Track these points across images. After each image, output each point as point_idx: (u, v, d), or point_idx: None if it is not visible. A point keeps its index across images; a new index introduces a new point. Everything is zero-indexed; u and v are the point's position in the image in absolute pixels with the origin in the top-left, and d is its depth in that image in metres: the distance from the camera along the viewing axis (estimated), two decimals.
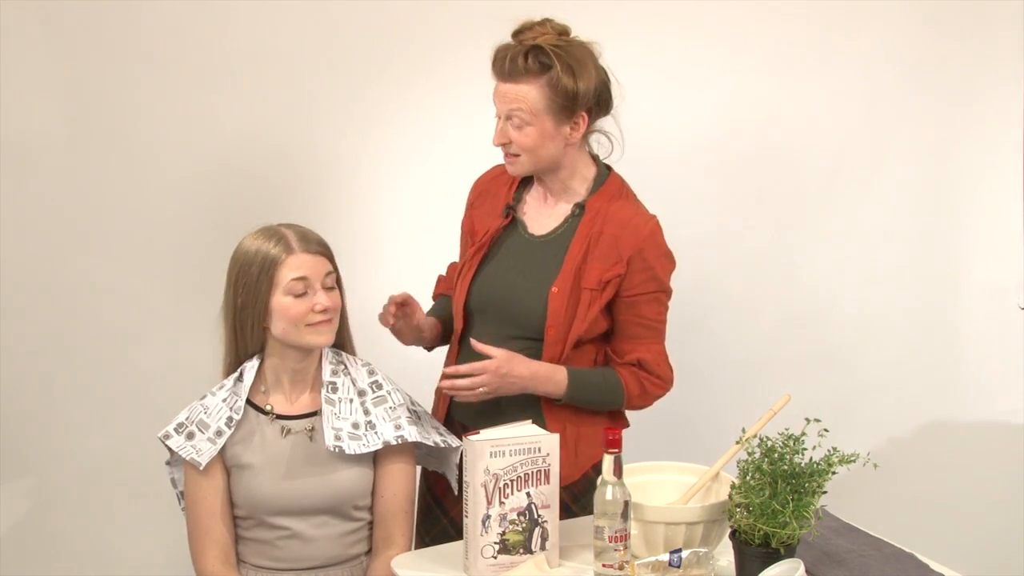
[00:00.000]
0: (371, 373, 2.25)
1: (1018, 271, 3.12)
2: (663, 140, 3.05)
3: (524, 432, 2.03)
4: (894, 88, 3.08)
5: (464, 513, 2.01)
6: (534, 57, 2.14)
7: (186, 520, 2.22)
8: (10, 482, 2.90)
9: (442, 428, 2.28)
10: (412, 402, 2.26)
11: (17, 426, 2.89)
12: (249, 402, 2.20)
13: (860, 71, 3.07)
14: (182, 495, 2.25)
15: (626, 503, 1.89)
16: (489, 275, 2.29)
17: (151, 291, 2.92)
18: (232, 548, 2.19)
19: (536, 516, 2.02)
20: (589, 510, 2.03)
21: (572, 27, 2.21)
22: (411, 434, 2.18)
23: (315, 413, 2.20)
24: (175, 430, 2.17)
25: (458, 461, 2.24)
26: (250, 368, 2.21)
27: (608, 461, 1.89)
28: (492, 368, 2.15)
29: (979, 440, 3.15)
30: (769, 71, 3.06)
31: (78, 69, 2.84)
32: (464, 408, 2.31)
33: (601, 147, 2.31)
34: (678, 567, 1.89)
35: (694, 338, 3.12)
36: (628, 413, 2.38)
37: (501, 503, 1.99)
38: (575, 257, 2.21)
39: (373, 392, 2.22)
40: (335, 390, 2.20)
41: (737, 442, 2.00)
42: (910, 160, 3.12)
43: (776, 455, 1.91)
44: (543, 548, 2.03)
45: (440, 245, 2.54)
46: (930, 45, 3.06)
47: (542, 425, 2.15)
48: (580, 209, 2.25)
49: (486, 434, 2.02)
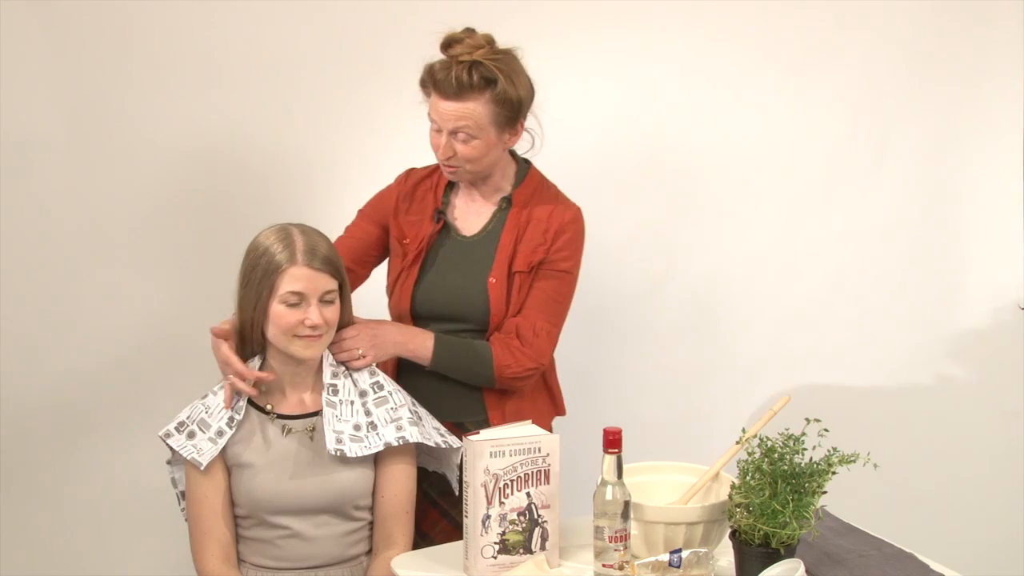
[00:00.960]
0: (372, 374, 2.25)
1: (1018, 271, 3.12)
2: (663, 141, 3.05)
3: (524, 432, 2.03)
4: (894, 87, 3.08)
5: (464, 513, 2.01)
6: (478, 74, 2.20)
7: (187, 519, 2.23)
8: (10, 482, 2.90)
9: (443, 429, 2.28)
10: (413, 402, 2.26)
11: (17, 426, 2.88)
12: (250, 402, 2.20)
13: (860, 70, 3.07)
14: (182, 495, 2.26)
15: (626, 503, 1.89)
16: (429, 281, 2.36)
17: (151, 290, 2.92)
18: (233, 547, 2.20)
19: (536, 516, 2.02)
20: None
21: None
22: (412, 435, 2.18)
23: (316, 413, 2.20)
24: (176, 429, 2.18)
25: (459, 461, 2.25)
26: (251, 367, 2.22)
27: (608, 461, 1.89)
28: (361, 328, 2.23)
29: (979, 440, 3.15)
30: (769, 71, 3.05)
31: (78, 69, 2.84)
32: (432, 398, 2.35)
33: (524, 142, 2.38)
34: (678, 567, 1.89)
35: (694, 338, 3.12)
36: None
37: (501, 503, 1.99)
38: (507, 247, 2.31)
39: (374, 393, 2.22)
40: (335, 392, 2.20)
41: (737, 442, 2.00)
42: (910, 160, 3.12)
43: (776, 455, 1.91)
44: (543, 548, 2.03)
45: None
46: (930, 44, 3.06)
47: (481, 408, 2.32)
48: (507, 203, 2.36)
49: (486, 434, 2.02)
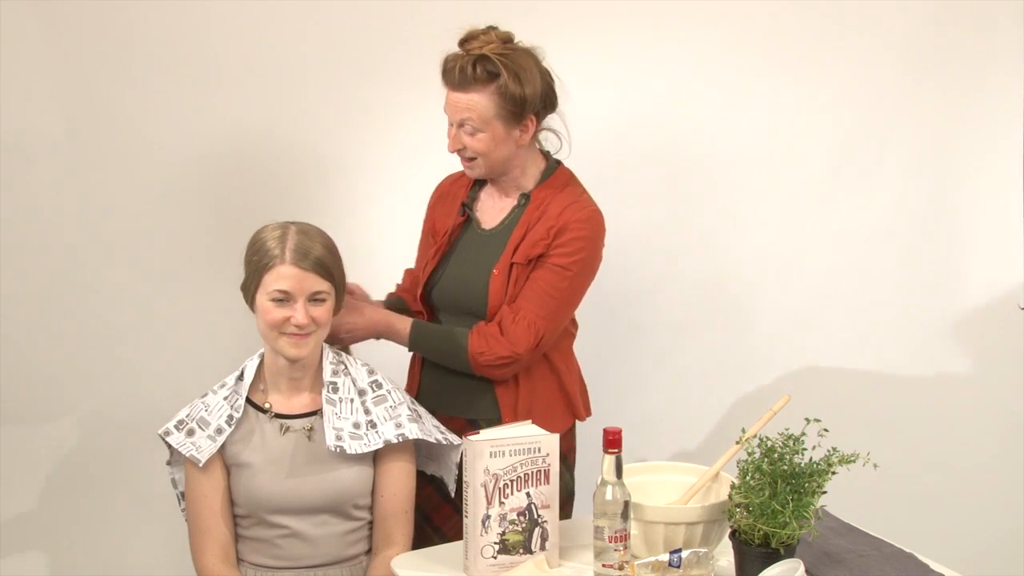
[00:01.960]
0: (371, 373, 2.25)
1: (1018, 271, 3.11)
2: (663, 140, 3.05)
3: (524, 432, 2.03)
4: (894, 87, 3.07)
5: (464, 513, 2.01)
6: (481, 67, 2.24)
7: (186, 519, 2.23)
8: (10, 481, 2.90)
9: (442, 427, 2.28)
10: (412, 401, 2.26)
11: (17, 425, 2.88)
12: (249, 400, 2.20)
13: (860, 70, 3.06)
14: (182, 496, 2.26)
15: (626, 503, 1.89)
16: (444, 271, 2.41)
17: (151, 290, 2.92)
18: (232, 546, 2.20)
19: (536, 516, 2.02)
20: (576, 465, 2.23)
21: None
22: (412, 432, 2.18)
23: (314, 413, 2.20)
24: (175, 427, 2.18)
25: (457, 460, 2.25)
26: (251, 366, 2.22)
27: (608, 461, 1.89)
28: (345, 311, 2.27)
29: (979, 440, 3.15)
30: (768, 70, 3.05)
31: (78, 69, 2.84)
32: (429, 393, 2.42)
33: (550, 144, 2.41)
34: (678, 567, 1.89)
35: (694, 338, 3.12)
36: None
37: (501, 503, 1.99)
38: (515, 241, 2.33)
39: (373, 391, 2.23)
40: (336, 390, 2.20)
41: (737, 442, 2.00)
42: (910, 160, 3.12)
43: (776, 455, 1.91)
44: (543, 548, 2.03)
45: None
46: (930, 44, 3.05)
47: (494, 407, 2.33)
48: (525, 199, 2.37)
49: (486, 434, 2.02)
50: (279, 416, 2.20)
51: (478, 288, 2.34)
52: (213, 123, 2.90)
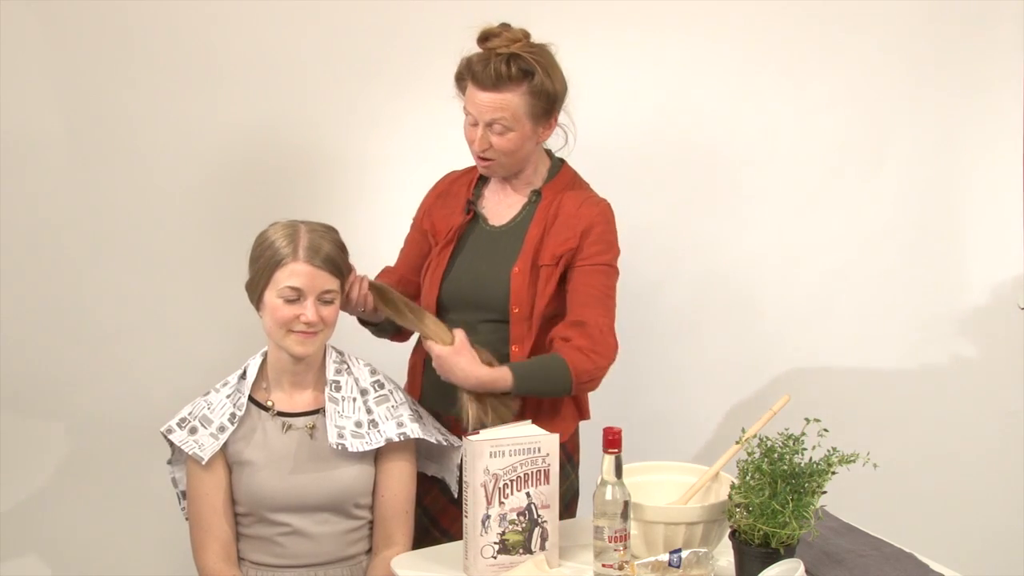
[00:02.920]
0: (373, 372, 2.26)
1: (1018, 271, 3.11)
2: (663, 140, 3.05)
3: (524, 432, 2.03)
4: (894, 87, 3.07)
5: (464, 513, 2.01)
6: (516, 65, 2.22)
7: (187, 517, 2.23)
8: (10, 481, 2.90)
9: (443, 428, 2.28)
10: (413, 401, 2.27)
11: (17, 425, 2.89)
12: (251, 399, 2.20)
13: (860, 70, 3.07)
14: (183, 495, 2.26)
15: (626, 503, 1.89)
16: (457, 268, 2.38)
17: (151, 290, 2.92)
18: (233, 545, 2.20)
19: (536, 516, 2.02)
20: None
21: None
22: (414, 431, 2.18)
23: (316, 411, 2.20)
24: (178, 424, 2.19)
25: (459, 461, 2.25)
26: (253, 364, 2.23)
27: (608, 461, 1.89)
28: (438, 354, 2.22)
29: (979, 440, 3.15)
30: (768, 70, 3.05)
31: (78, 69, 2.84)
32: (434, 394, 2.37)
33: (557, 139, 2.40)
34: (678, 567, 1.89)
35: (694, 338, 3.12)
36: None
37: (501, 503, 1.99)
38: (533, 239, 2.31)
39: (375, 391, 2.23)
40: (338, 389, 2.21)
41: (737, 442, 2.00)
42: (910, 159, 3.12)
43: (776, 455, 1.91)
44: (543, 548, 2.03)
45: None
46: (930, 44, 3.05)
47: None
48: (536, 196, 2.36)
49: (486, 434, 2.02)
50: (281, 414, 2.20)
51: (498, 286, 2.31)
52: (213, 123, 2.90)
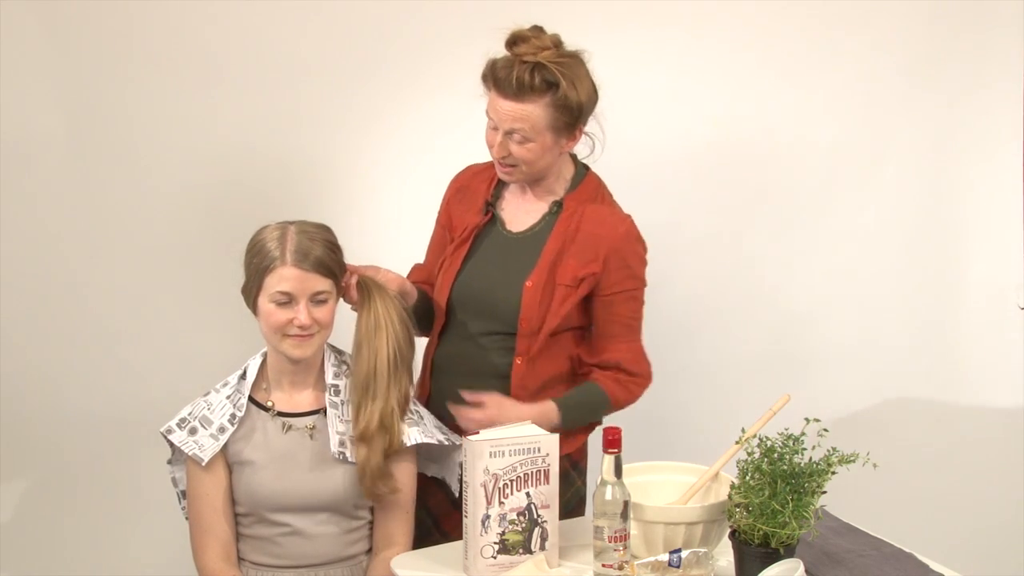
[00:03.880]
0: None
1: (1018, 271, 3.11)
2: (663, 140, 3.05)
3: (524, 432, 2.03)
4: (893, 87, 3.07)
5: (464, 513, 2.01)
6: (540, 76, 2.14)
7: (187, 517, 2.23)
8: (10, 481, 2.90)
9: (444, 428, 2.28)
10: (413, 402, 2.26)
11: (17, 425, 2.88)
12: (251, 399, 2.20)
13: (859, 70, 3.06)
14: (183, 495, 2.26)
15: (626, 503, 1.89)
16: (469, 271, 2.33)
17: (150, 290, 2.92)
18: (233, 545, 2.20)
19: (536, 516, 2.02)
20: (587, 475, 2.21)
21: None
22: (412, 437, 2.18)
23: (317, 411, 2.20)
24: (177, 425, 2.18)
25: (460, 460, 2.25)
26: (253, 365, 2.23)
27: (608, 461, 1.89)
28: (483, 418, 2.18)
29: (979, 440, 3.15)
30: (768, 70, 3.05)
31: (78, 69, 2.84)
32: (441, 400, 2.32)
33: (584, 146, 2.33)
34: (678, 567, 1.89)
35: (694, 338, 3.12)
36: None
37: (501, 503, 1.99)
38: (551, 253, 2.25)
39: None
40: (338, 392, 2.20)
41: (737, 442, 2.00)
42: (910, 160, 3.12)
43: (776, 455, 1.91)
44: (543, 548, 2.03)
45: None
46: (929, 44, 3.05)
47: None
48: (557, 207, 2.29)
49: (486, 434, 2.02)
50: (281, 414, 2.20)
51: (509, 298, 2.26)
52: (213, 123, 2.90)
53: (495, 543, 2.00)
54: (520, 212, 2.33)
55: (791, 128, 3.08)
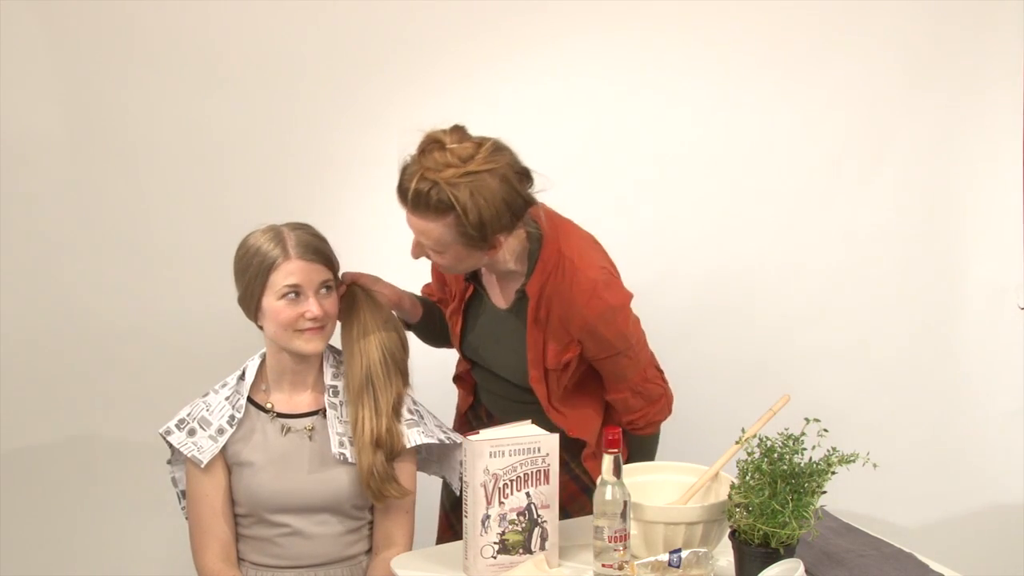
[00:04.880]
0: None
1: (1018, 271, 3.12)
2: (663, 140, 3.05)
3: (524, 432, 2.03)
4: (894, 87, 3.08)
5: (464, 513, 2.01)
6: (436, 196, 1.99)
7: (187, 518, 2.23)
8: (10, 481, 2.90)
9: (445, 426, 2.28)
10: (413, 401, 2.26)
11: (17, 425, 2.89)
12: (251, 400, 2.20)
13: (860, 70, 3.07)
14: (182, 494, 2.26)
15: (625, 503, 1.89)
16: (471, 341, 2.34)
17: (150, 290, 2.92)
18: (233, 546, 2.20)
19: (536, 516, 2.02)
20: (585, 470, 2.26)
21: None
22: (412, 438, 2.18)
23: (316, 412, 2.20)
24: (176, 426, 2.18)
25: (461, 459, 2.25)
26: (252, 365, 2.22)
27: (608, 461, 1.89)
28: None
29: (979, 440, 3.15)
30: (768, 70, 3.05)
31: (78, 69, 2.84)
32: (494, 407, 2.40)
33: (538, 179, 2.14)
34: (678, 567, 1.89)
35: (694, 338, 3.12)
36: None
37: (500, 503, 1.99)
38: (536, 345, 2.23)
39: None
40: (336, 393, 2.20)
41: (737, 442, 2.00)
42: (910, 159, 3.12)
43: (776, 455, 1.91)
44: (543, 548, 2.03)
45: None
46: (929, 44, 3.06)
47: (549, 424, 2.20)
48: (522, 295, 2.21)
49: (486, 434, 2.02)
50: (281, 415, 2.20)
51: (516, 374, 2.29)
52: (211, 123, 2.90)
53: (495, 543, 2.00)
54: (495, 291, 2.29)
55: (791, 128, 3.08)
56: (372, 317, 2.20)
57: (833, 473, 1.90)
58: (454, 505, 2.46)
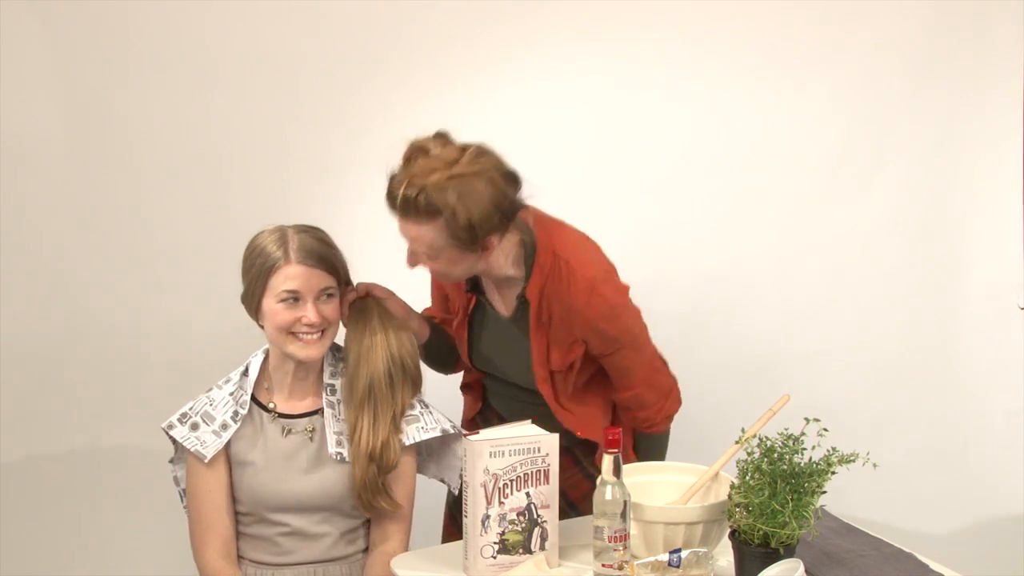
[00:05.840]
0: None
1: (1018, 271, 3.11)
2: (664, 139, 3.05)
3: (523, 432, 2.03)
4: (894, 87, 3.07)
5: (464, 513, 2.01)
6: (425, 199, 2.02)
7: (188, 514, 2.23)
8: (10, 481, 2.90)
9: (447, 418, 2.26)
10: (414, 401, 2.25)
11: (16, 424, 2.88)
12: (253, 399, 2.20)
13: (860, 71, 3.07)
14: (184, 493, 2.26)
15: (625, 503, 1.89)
16: (480, 349, 2.36)
17: (150, 290, 2.92)
18: (233, 542, 2.20)
19: (535, 516, 2.02)
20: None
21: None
22: (410, 436, 2.18)
23: (316, 412, 2.20)
24: (179, 420, 2.18)
25: (461, 454, 2.24)
26: (255, 362, 2.22)
27: (608, 461, 1.89)
28: None
29: (979, 440, 3.15)
30: (769, 70, 3.05)
31: (77, 69, 2.84)
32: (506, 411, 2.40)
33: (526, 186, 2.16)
34: (678, 567, 1.89)
35: (694, 338, 3.12)
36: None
37: (500, 503, 1.99)
38: (540, 350, 2.24)
39: None
40: (334, 392, 2.20)
41: (737, 442, 2.00)
42: (910, 159, 3.12)
43: (776, 455, 1.91)
44: (542, 548, 2.03)
45: None
46: (930, 44, 3.06)
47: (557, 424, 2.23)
48: (522, 301, 2.23)
49: (486, 434, 2.02)
50: (282, 416, 2.20)
51: (523, 377, 2.30)
52: (211, 123, 2.90)
53: (495, 543, 2.00)
54: (496, 299, 2.30)
55: (792, 128, 3.08)
56: (383, 325, 2.20)
57: (833, 473, 1.90)
58: (457, 504, 2.46)
